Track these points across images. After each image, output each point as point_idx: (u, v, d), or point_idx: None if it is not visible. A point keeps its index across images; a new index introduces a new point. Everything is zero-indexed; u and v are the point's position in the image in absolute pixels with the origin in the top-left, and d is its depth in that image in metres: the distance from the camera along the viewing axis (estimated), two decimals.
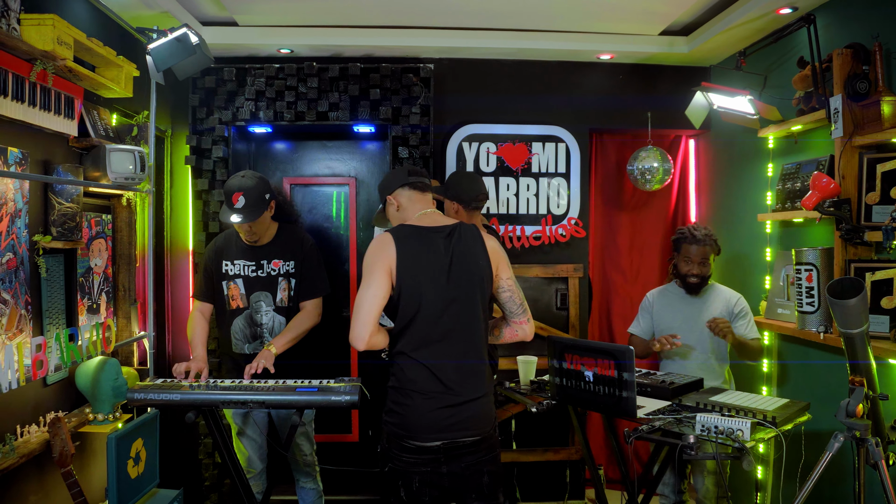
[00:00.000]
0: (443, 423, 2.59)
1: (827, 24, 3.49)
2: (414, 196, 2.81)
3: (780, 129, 3.80)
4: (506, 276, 2.75)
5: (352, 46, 4.43)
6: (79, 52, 3.10)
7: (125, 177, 3.34)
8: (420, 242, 2.66)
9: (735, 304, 3.75)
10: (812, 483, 2.59)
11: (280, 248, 3.52)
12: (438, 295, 2.61)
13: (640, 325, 3.98)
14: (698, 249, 3.73)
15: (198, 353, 3.41)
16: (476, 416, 2.64)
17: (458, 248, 2.66)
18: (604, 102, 4.79)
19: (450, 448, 2.60)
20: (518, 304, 2.77)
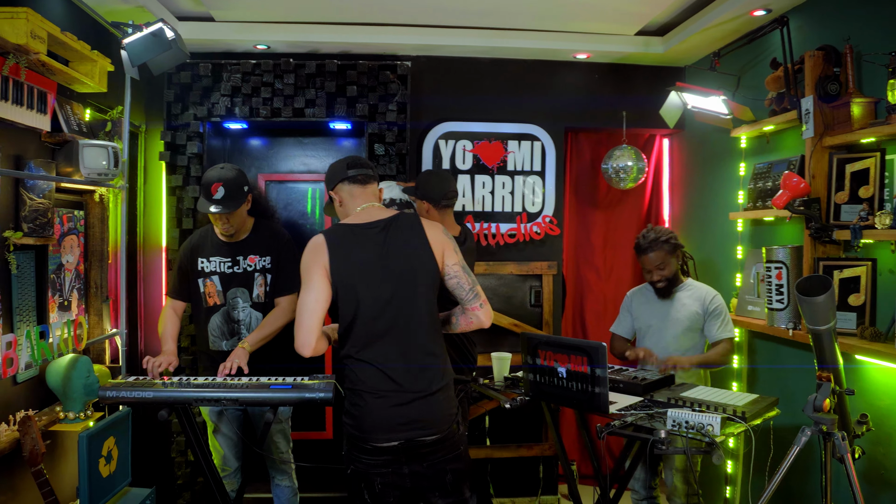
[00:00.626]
0: (396, 422, 2.54)
1: (799, 26, 3.54)
2: (354, 190, 2.74)
3: (752, 129, 3.85)
4: (451, 261, 2.66)
5: (329, 43, 4.42)
6: (52, 46, 3.06)
7: (98, 172, 3.31)
8: (353, 241, 2.61)
9: (710, 302, 3.73)
10: (780, 476, 2.64)
11: (256, 243, 3.51)
12: (375, 293, 2.57)
13: (621, 324, 4.00)
14: (649, 258, 3.73)
15: (168, 348, 3.38)
16: (431, 413, 2.58)
17: (393, 241, 2.61)
18: (579, 101, 4.83)
19: (408, 448, 2.55)
20: (467, 289, 2.67)
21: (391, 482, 2.59)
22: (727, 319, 3.73)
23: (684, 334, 3.73)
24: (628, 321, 3.97)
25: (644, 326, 3.87)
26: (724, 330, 3.70)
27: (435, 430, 2.57)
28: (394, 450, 2.55)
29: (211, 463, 3.28)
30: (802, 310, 2.61)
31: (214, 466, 3.33)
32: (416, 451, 2.56)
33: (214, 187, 3.29)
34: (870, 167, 3.07)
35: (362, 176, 2.74)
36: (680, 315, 3.73)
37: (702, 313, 3.72)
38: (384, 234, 2.62)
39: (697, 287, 3.82)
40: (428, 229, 2.67)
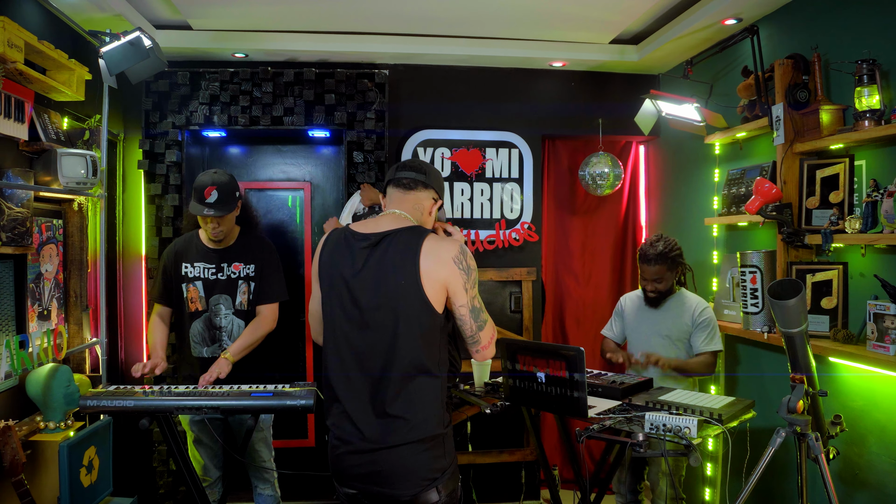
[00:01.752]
0: (353, 472, 2.25)
1: (770, 35, 3.61)
2: (395, 195, 2.42)
3: (725, 135, 3.92)
4: (460, 303, 2.26)
5: (307, 52, 4.44)
6: (29, 55, 3.05)
7: (77, 181, 3.30)
8: (342, 250, 2.32)
9: (698, 315, 3.69)
10: (756, 477, 2.68)
11: (241, 251, 3.52)
12: (345, 314, 2.26)
13: (612, 328, 4.01)
14: (650, 269, 3.70)
15: (158, 354, 3.39)
16: (398, 470, 2.19)
17: (376, 265, 2.24)
18: (556, 109, 4.88)
19: (369, 499, 2.25)
20: (468, 335, 2.32)
21: None
22: (714, 333, 3.69)
23: (672, 344, 3.72)
24: (619, 325, 3.98)
25: (633, 333, 3.89)
26: (708, 343, 3.66)
27: (401, 491, 2.20)
28: (354, 497, 2.30)
29: (193, 471, 3.27)
30: (775, 313, 2.66)
31: (196, 475, 3.32)
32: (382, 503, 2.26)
33: (208, 191, 3.30)
34: (839, 173, 3.14)
35: (407, 180, 2.40)
36: (668, 325, 3.74)
37: (690, 325, 3.70)
38: (368, 252, 2.27)
39: (689, 298, 3.78)
40: (425, 256, 2.20)
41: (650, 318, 3.81)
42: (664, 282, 3.71)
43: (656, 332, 3.76)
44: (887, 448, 2.90)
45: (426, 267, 2.20)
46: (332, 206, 4.91)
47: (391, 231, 2.27)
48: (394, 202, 2.41)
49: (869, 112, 2.84)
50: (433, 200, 2.46)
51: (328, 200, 4.94)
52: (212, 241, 3.50)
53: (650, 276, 3.72)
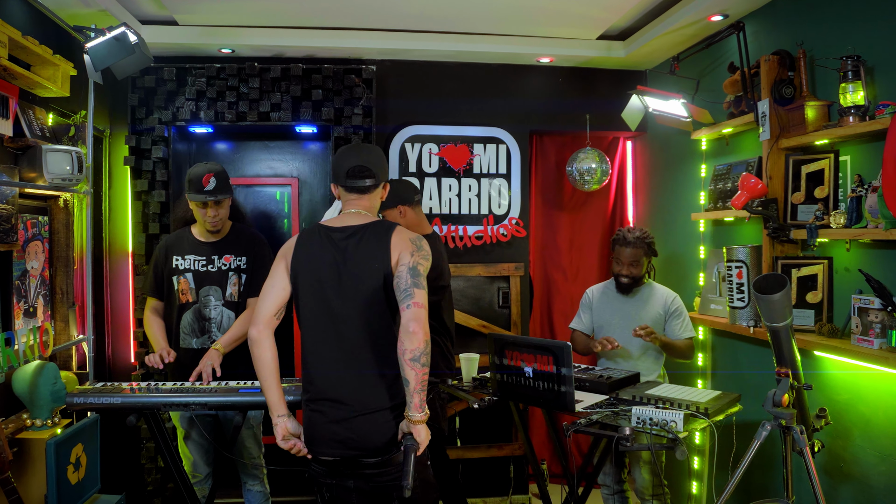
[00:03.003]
0: (334, 438, 2.51)
1: (755, 32, 3.63)
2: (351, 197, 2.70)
3: (711, 131, 3.94)
4: (404, 262, 2.49)
5: (294, 47, 4.43)
6: (13, 51, 3.04)
7: (62, 178, 3.28)
8: (317, 243, 2.60)
9: (671, 304, 3.81)
10: (742, 470, 2.70)
11: (232, 243, 3.56)
12: (323, 297, 2.54)
13: (581, 320, 4.04)
14: (628, 252, 3.77)
15: (161, 345, 3.42)
16: (372, 433, 2.49)
17: (354, 250, 2.55)
18: (544, 105, 4.89)
19: (349, 464, 2.52)
20: (402, 288, 2.45)
21: (337, 495, 2.60)
22: (687, 320, 3.81)
23: None
24: (588, 317, 4.01)
25: (604, 324, 3.92)
26: (686, 329, 3.78)
27: (375, 453, 2.50)
28: (334, 464, 2.54)
29: (181, 468, 3.28)
30: (760, 307, 2.69)
31: (185, 472, 3.32)
32: (357, 469, 2.53)
33: (206, 178, 3.35)
34: (824, 168, 3.16)
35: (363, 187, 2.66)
36: (641, 314, 3.80)
37: (663, 314, 3.80)
38: (347, 242, 2.57)
39: (658, 289, 3.88)
40: (394, 236, 2.56)
41: (625, 307, 3.86)
42: (638, 266, 3.80)
43: (629, 324, 3.77)
44: (871, 441, 2.93)
45: (392, 242, 2.55)
46: (319, 202, 4.90)
47: (363, 225, 2.61)
48: (351, 203, 2.69)
49: (853, 108, 2.86)
50: (383, 188, 2.78)
51: (315, 196, 4.93)
52: (206, 234, 3.53)
53: (627, 259, 3.79)
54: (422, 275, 2.49)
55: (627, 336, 3.76)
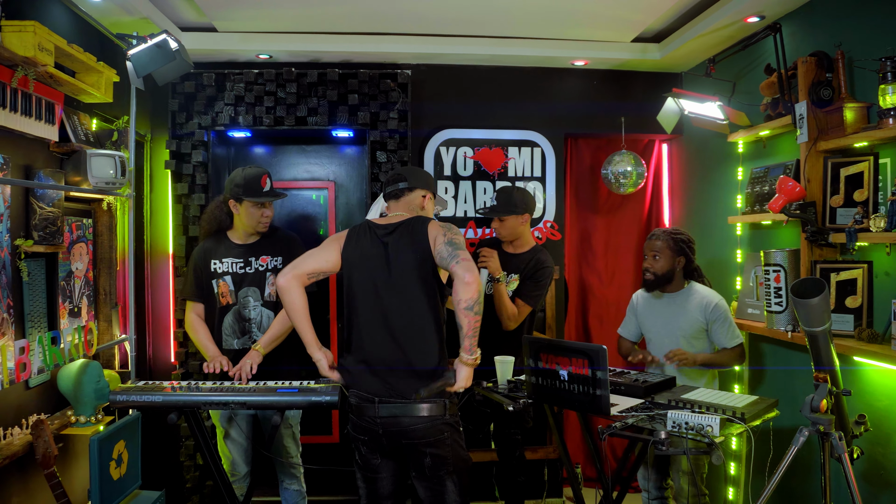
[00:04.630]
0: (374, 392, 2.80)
1: (792, 33, 3.60)
2: (391, 204, 3.10)
3: (748, 133, 3.90)
4: (440, 241, 2.79)
5: (330, 52, 4.49)
6: (59, 58, 3.12)
7: (106, 181, 3.37)
8: (365, 236, 2.94)
9: (711, 310, 3.62)
10: (779, 476, 2.67)
11: (268, 244, 3.63)
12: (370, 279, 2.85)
13: (627, 326, 3.98)
14: (651, 243, 3.70)
15: (212, 352, 3.50)
16: (401, 379, 2.77)
17: (397, 241, 2.87)
18: (578, 108, 4.89)
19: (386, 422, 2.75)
20: (446, 254, 2.75)
21: (372, 449, 2.85)
22: (733, 326, 3.63)
23: (687, 342, 3.67)
24: (633, 323, 3.94)
25: (647, 330, 3.85)
26: (731, 337, 3.62)
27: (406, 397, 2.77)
28: (373, 421, 2.78)
29: (220, 466, 3.33)
30: (798, 312, 2.66)
31: (223, 470, 3.38)
32: (396, 428, 2.76)
33: (264, 179, 3.53)
34: (863, 171, 3.12)
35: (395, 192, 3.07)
36: (680, 322, 3.68)
37: (703, 321, 3.63)
38: (389, 236, 2.88)
39: (700, 292, 3.70)
40: (429, 226, 2.87)
41: (666, 311, 3.75)
42: (661, 261, 3.67)
43: (671, 329, 3.70)
44: None
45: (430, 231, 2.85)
46: (355, 206, 4.95)
47: (402, 221, 2.94)
48: (392, 209, 3.09)
49: (893, 110, 2.82)
50: (422, 197, 3.10)
51: (352, 199, 4.98)
52: (244, 236, 3.62)
53: (649, 250, 3.71)
54: (458, 243, 2.78)
55: (670, 342, 3.68)
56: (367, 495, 2.92)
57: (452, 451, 2.78)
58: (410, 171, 3.13)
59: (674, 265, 3.70)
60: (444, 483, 2.77)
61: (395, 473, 2.90)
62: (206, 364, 3.42)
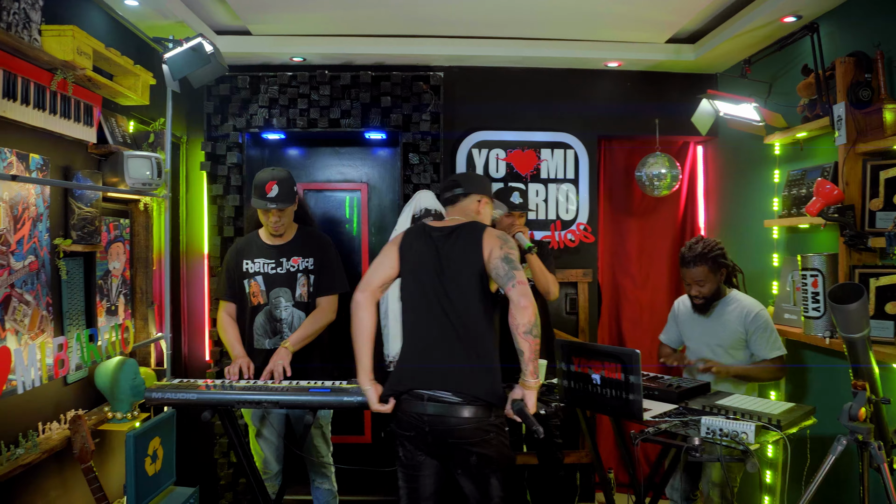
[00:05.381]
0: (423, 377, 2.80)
1: (830, 33, 3.53)
2: (448, 210, 3.16)
3: (785, 135, 3.84)
4: (496, 255, 2.78)
5: (363, 55, 4.51)
6: (97, 62, 3.19)
7: (142, 182, 3.42)
8: (421, 237, 2.96)
9: (752, 319, 3.54)
10: (816, 486, 2.62)
11: (299, 245, 3.64)
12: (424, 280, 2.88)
13: (668, 333, 3.95)
14: (690, 272, 3.59)
15: (238, 352, 3.52)
16: (455, 377, 2.74)
17: (450, 244, 2.88)
18: (612, 109, 4.85)
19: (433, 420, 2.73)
20: (503, 273, 2.75)
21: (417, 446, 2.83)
22: (774, 336, 3.54)
23: (726, 353, 3.60)
24: (675, 330, 3.89)
25: (687, 338, 3.80)
26: (772, 347, 3.53)
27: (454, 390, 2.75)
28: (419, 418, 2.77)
29: (253, 464, 3.36)
30: (836, 318, 2.61)
31: (256, 468, 3.41)
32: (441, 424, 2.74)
33: (269, 185, 3.44)
34: None
35: (451, 197, 3.13)
36: (720, 333, 3.61)
37: (743, 331, 3.57)
38: (445, 239, 2.91)
39: (740, 301, 3.62)
40: (485, 234, 2.88)
41: (700, 326, 3.69)
42: (707, 284, 3.58)
43: (707, 342, 3.65)
44: None
45: (484, 239, 2.85)
46: (388, 207, 4.97)
47: (456, 225, 2.96)
48: (449, 213, 3.16)
49: None
50: (477, 202, 3.11)
51: (384, 201, 5.00)
52: (272, 237, 3.61)
53: (691, 279, 3.60)
54: (514, 260, 2.78)
55: (708, 352, 3.64)
56: (408, 495, 2.91)
57: (497, 451, 2.77)
58: (465, 177, 3.18)
59: (718, 282, 3.63)
60: (488, 480, 2.77)
61: (437, 472, 2.88)
62: (227, 368, 3.41)
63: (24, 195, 2.90)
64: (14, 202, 2.84)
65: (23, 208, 2.89)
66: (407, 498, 2.91)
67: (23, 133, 2.89)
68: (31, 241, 2.95)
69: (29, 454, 2.77)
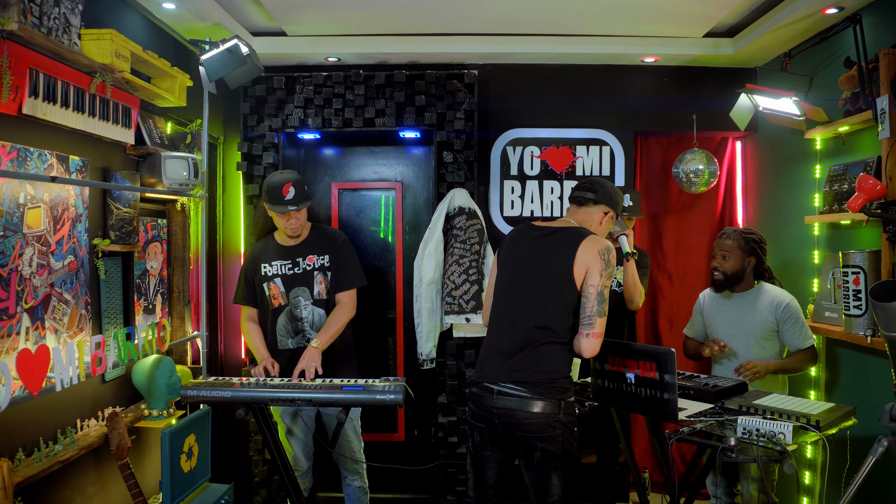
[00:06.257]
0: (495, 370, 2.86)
1: (873, 24, 3.44)
2: (570, 208, 3.10)
3: (826, 130, 3.75)
4: (591, 282, 2.80)
5: (397, 54, 4.52)
6: (135, 64, 3.24)
7: (179, 183, 3.47)
8: (521, 236, 3.03)
9: (782, 310, 3.56)
10: (855, 487, 2.55)
11: (314, 244, 3.68)
12: (512, 279, 2.94)
13: (693, 326, 3.93)
14: (721, 242, 3.66)
15: (262, 354, 3.58)
16: (526, 372, 2.80)
17: (545, 246, 2.91)
18: (648, 105, 4.79)
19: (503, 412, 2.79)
20: (587, 314, 2.80)
21: (486, 438, 2.90)
22: (805, 326, 3.57)
23: (757, 343, 3.60)
24: (700, 323, 3.88)
25: (714, 331, 3.77)
26: (804, 337, 3.55)
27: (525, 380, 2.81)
28: (488, 410, 2.85)
29: (287, 461, 3.40)
30: (877, 316, 2.54)
31: (289, 465, 3.44)
32: (510, 417, 2.80)
33: (286, 188, 3.48)
34: None
35: (580, 198, 3.07)
36: (750, 323, 3.61)
37: (773, 321, 3.57)
38: (542, 239, 2.94)
39: (770, 291, 3.65)
40: (582, 246, 2.84)
41: (735, 312, 3.68)
42: (731, 259, 3.62)
43: (737, 332, 3.63)
44: None
45: (579, 251, 2.82)
46: (422, 206, 4.97)
47: (558, 227, 2.97)
48: (569, 213, 3.10)
49: None
50: (603, 213, 3.06)
51: (419, 200, 5.00)
52: (287, 239, 3.66)
53: (718, 249, 3.66)
54: (606, 299, 2.82)
55: (739, 348, 3.62)
56: (475, 481, 2.99)
57: (563, 448, 2.81)
58: (601, 185, 3.09)
59: (744, 265, 3.65)
60: (549, 476, 2.81)
61: (501, 463, 2.95)
62: (254, 369, 3.50)
63: (63, 196, 2.96)
64: (54, 203, 2.90)
65: (62, 209, 2.95)
66: (473, 484, 3.00)
67: (63, 135, 2.95)
68: (70, 242, 3.01)
69: (67, 451, 2.83)
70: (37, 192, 2.79)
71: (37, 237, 2.79)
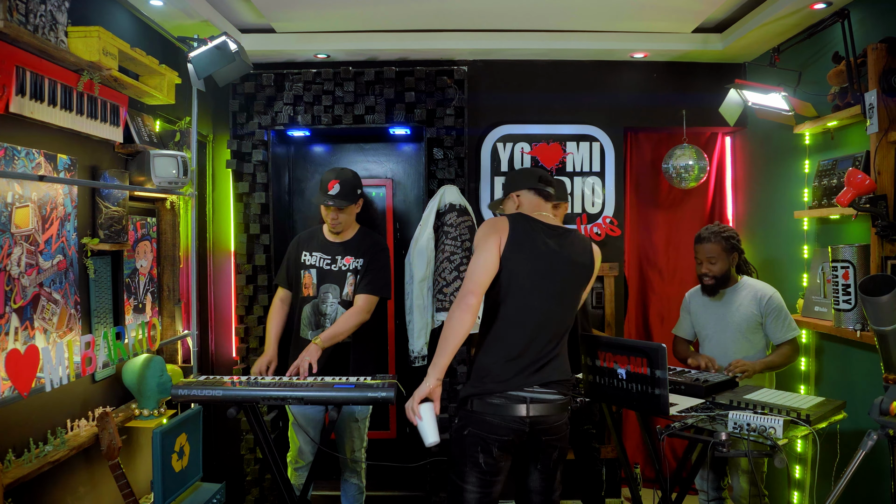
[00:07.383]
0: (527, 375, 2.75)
1: (861, 19, 3.45)
2: (535, 202, 2.97)
3: (815, 125, 3.77)
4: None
5: (387, 50, 4.51)
6: (123, 62, 3.22)
7: (169, 181, 3.46)
8: (532, 233, 2.82)
9: (766, 303, 3.61)
10: (845, 481, 2.58)
11: (355, 246, 3.72)
12: (534, 285, 2.77)
13: (681, 326, 3.95)
14: (702, 248, 3.68)
15: (268, 346, 3.65)
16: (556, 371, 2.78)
17: (567, 251, 2.84)
18: (638, 101, 4.80)
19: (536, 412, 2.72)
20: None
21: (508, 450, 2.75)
22: (788, 318, 3.62)
23: (744, 337, 3.64)
24: (688, 322, 3.91)
25: (701, 329, 3.81)
26: (787, 329, 3.59)
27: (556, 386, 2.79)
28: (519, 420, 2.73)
29: (278, 460, 3.38)
30: (866, 310, 2.56)
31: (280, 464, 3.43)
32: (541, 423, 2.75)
33: (331, 184, 3.56)
34: None
35: (546, 193, 2.99)
36: (736, 318, 3.65)
37: (758, 314, 3.61)
38: (560, 241, 2.85)
39: (753, 286, 3.69)
40: (594, 250, 2.95)
41: (720, 308, 3.72)
42: (719, 263, 3.66)
43: (726, 326, 3.66)
44: None
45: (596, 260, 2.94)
46: (413, 203, 4.97)
47: (568, 229, 2.93)
48: (537, 207, 2.96)
49: None
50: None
51: (409, 197, 5.00)
52: (332, 234, 3.71)
53: (704, 255, 3.68)
54: None
55: (726, 343, 3.65)
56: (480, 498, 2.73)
57: (567, 445, 2.89)
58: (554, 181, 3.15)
59: (729, 264, 3.71)
60: (556, 473, 2.85)
61: (508, 473, 2.83)
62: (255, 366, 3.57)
63: (52, 195, 2.94)
64: (42, 202, 2.88)
65: (51, 208, 2.93)
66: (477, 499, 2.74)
67: (50, 134, 2.93)
68: (59, 241, 2.99)
69: (57, 451, 2.82)
70: (25, 191, 2.78)
71: (25, 237, 2.77)
